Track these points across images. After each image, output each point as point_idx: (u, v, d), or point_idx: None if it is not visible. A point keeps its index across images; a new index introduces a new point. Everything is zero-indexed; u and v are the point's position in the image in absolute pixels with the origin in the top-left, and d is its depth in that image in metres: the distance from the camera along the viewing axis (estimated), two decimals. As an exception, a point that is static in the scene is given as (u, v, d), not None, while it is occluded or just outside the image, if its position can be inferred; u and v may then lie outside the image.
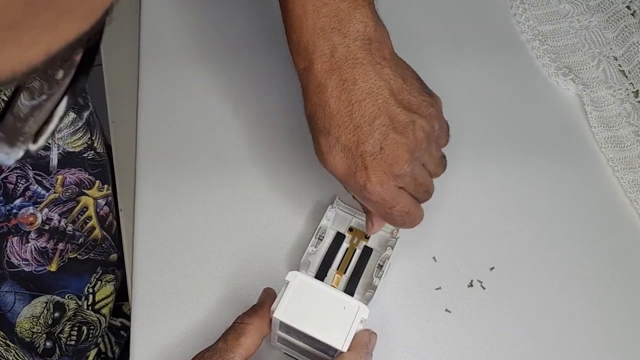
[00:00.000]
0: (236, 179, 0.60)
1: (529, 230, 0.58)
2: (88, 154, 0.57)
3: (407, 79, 0.47)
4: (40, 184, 0.53)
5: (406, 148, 0.45)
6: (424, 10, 0.71)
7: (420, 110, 0.46)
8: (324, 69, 0.45)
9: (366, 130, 0.44)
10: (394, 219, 0.48)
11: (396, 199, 0.46)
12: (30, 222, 0.54)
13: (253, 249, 0.56)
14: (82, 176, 0.56)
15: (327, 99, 0.45)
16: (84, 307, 0.60)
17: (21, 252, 0.53)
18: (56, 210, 0.55)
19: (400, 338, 0.52)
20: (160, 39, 0.68)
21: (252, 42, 0.68)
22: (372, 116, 0.44)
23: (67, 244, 0.57)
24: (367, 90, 0.44)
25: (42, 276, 0.56)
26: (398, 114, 0.45)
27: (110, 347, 0.66)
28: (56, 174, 0.55)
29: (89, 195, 0.57)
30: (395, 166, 0.45)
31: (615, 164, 0.62)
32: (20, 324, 0.55)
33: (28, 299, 0.55)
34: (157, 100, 0.64)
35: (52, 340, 0.57)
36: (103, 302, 0.61)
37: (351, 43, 0.45)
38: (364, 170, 0.45)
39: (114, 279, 0.63)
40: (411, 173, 0.46)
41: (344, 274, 0.54)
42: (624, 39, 0.68)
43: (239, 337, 0.44)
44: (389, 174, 0.45)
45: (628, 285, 0.56)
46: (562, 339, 0.53)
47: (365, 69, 0.45)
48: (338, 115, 0.44)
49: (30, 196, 0.53)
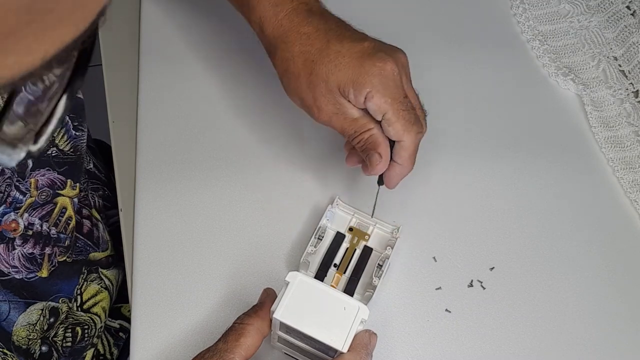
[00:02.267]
0: (236, 179, 0.60)
1: (529, 230, 0.58)
2: (51, 151, 0.56)
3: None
4: (18, 188, 0.53)
5: (400, 50, 0.50)
6: (424, 10, 0.71)
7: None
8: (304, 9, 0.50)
9: (360, 34, 0.49)
10: (409, 113, 0.48)
11: (403, 90, 0.48)
12: (12, 228, 0.53)
13: (253, 249, 0.56)
14: (52, 176, 0.56)
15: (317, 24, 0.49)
16: (74, 308, 0.60)
17: (9, 260, 0.53)
18: (35, 215, 0.55)
19: (400, 338, 0.52)
20: (160, 39, 0.68)
21: (252, 42, 0.68)
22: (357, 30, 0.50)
23: (54, 247, 0.57)
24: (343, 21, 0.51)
25: (34, 283, 0.55)
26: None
27: (109, 349, 0.66)
28: (29, 177, 0.54)
29: (64, 196, 0.57)
30: (398, 52, 0.49)
31: (615, 164, 0.62)
32: (16, 332, 0.54)
33: (23, 306, 0.55)
34: (157, 100, 0.64)
35: (48, 345, 0.57)
36: (91, 302, 0.61)
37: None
38: (379, 52, 0.47)
39: (97, 277, 0.62)
40: (409, 73, 0.50)
41: (344, 273, 0.54)
42: (624, 39, 0.68)
43: (239, 337, 0.44)
44: (398, 61, 0.48)
45: (628, 285, 0.56)
46: (562, 338, 0.53)
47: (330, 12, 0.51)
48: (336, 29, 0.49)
49: (11, 202, 0.53)
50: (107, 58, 0.68)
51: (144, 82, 0.65)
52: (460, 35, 0.70)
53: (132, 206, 0.58)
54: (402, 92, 0.48)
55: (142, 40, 0.67)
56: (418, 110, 0.50)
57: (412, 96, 0.49)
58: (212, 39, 0.68)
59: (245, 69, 0.66)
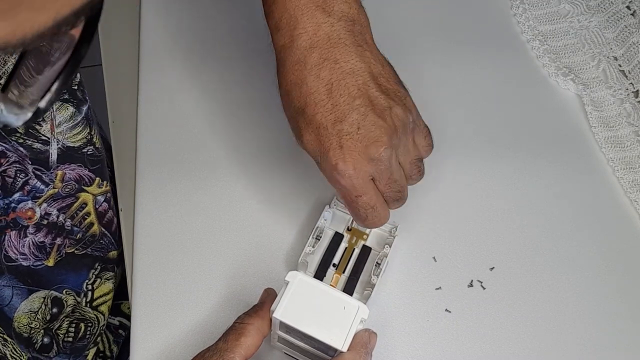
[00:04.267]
0: (236, 179, 0.60)
1: (528, 230, 0.58)
2: (87, 149, 0.57)
3: (385, 66, 0.47)
4: (40, 178, 0.54)
5: (384, 131, 0.44)
6: (424, 10, 0.71)
7: (396, 98, 0.46)
8: (304, 46, 0.44)
9: (345, 109, 0.43)
10: (358, 211, 0.46)
11: (365, 188, 0.45)
12: (28, 216, 0.54)
13: (253, 249, 0.56)
14: (81, 172, 0.56)
15: (305, 76, 0.43)
16: (82, 303, 0.60)
17: (19, 246, 0.53)
18: (55, 206, 0.55)
19: (400, 338, 0.52)
20: (160, 39, 0.68)
21: (252, 42, 0.68)
22: (351, 96, 0.43)
23: (65, 239, 0.57)
24: (348, 70, 0.44)
25: (40, 271, 0.56)
26: (377, 97, 0.44)
27: (109, 346, 0.66)
28: (56, 169, 0.55)
29: (88, 192, 0.58)
30: (371, 147, 0.43)
31: (615, 164, 0.62)
32: (18, 319, 0.55)
33: (26, 293, 0.55)
34: (157, 100, 0.64)
35: (50, 336, 0.57)
36: (101, 300, 0.61)
37: (335, 22, 0.44)
38: (338, 149, 0.43)
39: (113, 276, 0.63)
40: (387, 161, 0.44)
41: (343, 273, 0.54)
42: (624, 39, 0.68)
43: (239, 337, 0.44)
44: (364, 156, 0.43)
45: (628, 285, 0.56)
46: (562, 338, 0.53)
47: (347, 49, 0.44)
48: (316, 93, 0.44)
49: (29, 191, 0.53)
50: (107, 58, 0.68)
51: (144, 82, 0.65)
52: (460, 35, 0.70)
53: (132, 206, 0.58)
54: (355, 192, 0.45)
55: (142, 40, 0.67)
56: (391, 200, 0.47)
57: (373, 189, 0.45)
58: (213, 39, 0.68)
59: (246, 69, 0.66)
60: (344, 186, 0.45)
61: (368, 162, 0.44)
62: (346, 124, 0.43)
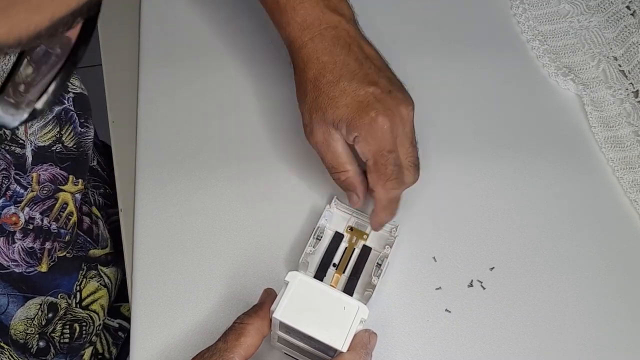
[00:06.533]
0: (236, 179, 0.60)
1: (528, 230, 0.58)
2: (56, 147, 0.57)
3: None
4: (19, 182, 0.53)
5: (409, 99, 0.50)
6: (423, 10, 0.71)
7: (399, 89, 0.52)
8: (331, 35, 0.51)
9: (374, 77, 0.50)
10: (386, 168, 0.49)
11: (395, 145, 0.49)
12: (13, 221, 0.53)
13: (253, 249, 0.56)
14: (54, 171, 0.56)
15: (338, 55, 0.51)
16: (72, 305, 0.60)
17: (9, 253, 0.53)
18: (37, 209, 0.55)
19: (400, 338, 0.52)
20: (160, 39, 0.68)
21: (252, 42, 0.68)
22: (378, 68, 0.51)
23: (54, 242, 0.57)
24: (368, 54, 0.52)
25: (33, 277, 0.55)
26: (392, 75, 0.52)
27: (108, 348, 0.66)
28: (31, 171, 0.55)
29: (65, 191, 0.57)
30: (402, 106, 0.49)
31: (615, 164, 0.62)
32: (14, 326, 0.55)
33: (21, 300, 0.55)
34: (157, 100, 0.64)
35: (45, 340, 0.57)
36: (90, 299, 0.61)
37: (345, 23, 0.52)
38: (377, 103, 0.49)
39: (96, 274, 0.62)
40: (412, 125, 0.50)
41: (343, 273, 0.54)
42: (624, 39, 0.68)
43: (239, 337, 0.44)
44: (397, 114, 0.49)
45: (628, 285, 0.56)
46: (562, 338, 0.53)
47: (359, 41, 0.52)
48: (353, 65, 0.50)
49: (11, 196, 0.53)
50: (107, 58, 0.68)
51: (144, 82, 0.65)
52: (460, 35, 0.70)
53: (132, 206, 0.58)
54: (389, 145, 0.49)
55: (142, 40, 0.67)
56: (408, 166, 0.51)
57: (405, 151, 0.50)
58: (213, 39, 0.68)
59: (246, 69, 0.66)
60: (380, 139, 0.49)
61: (399, 121, 0.49)
62: (380, 86, 0.50)
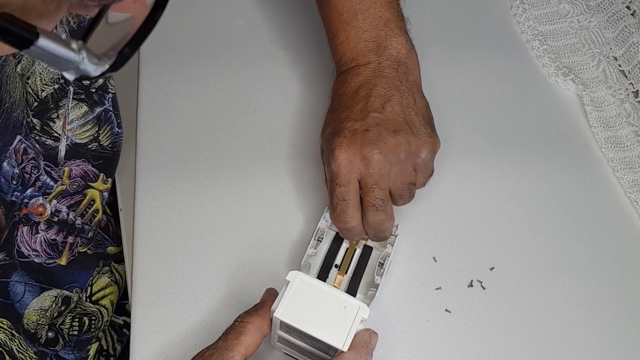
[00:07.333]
0: (236, 179, 0.60)
1: (528, 230, 0.58)
2: (92, 146, 0.58)
3: (418, 103, 0.54)
4: (49, 175, 0.54)
5: (386, 144, 0.50)
6: (423, 10, 0.71)
7: (417, 132, 0.52)
8: (354, 73, 0.55)
9: (363, 115, 0.52)
10: (332, 199, 0.51)
11: (346, 180, 0.50)
12: (39, 212, 0.54)
13: (253, 249, 0.56)
14: (86, 168, 0.57)
15: (347, 89, 0.55)
16: (83, 299, 0.60)
17: (31, 243, 0.54)
18: (64, 203, 0.56)
19: (400, 338, 0.52)
20: (160, 39, 0.68)
21: (252, 42, 0.68)
22: (375, 108, 0.52)
23: (77, 237, 0.58)
24: (382, 93, 0.53)
25: (52, 269, 0.56)
26: (397, 119, 0.52)
27: (112, 345, 0.66)
28: (63, 165, 0.56)
29: (94, 188, 0.58)
30: (367, 147, 0.50)
31: (615, 164, 0.62)
32: (27, 316, 0.55)
33: (38, 291, 0.56)
34: (157, 100, 0.64)
35: (54, 331, 0.58)
36: (100, 294, 0.62)
37: (383, 61, 0.55)
38: (342, 137, 0.51)
39: (108, 270, 0.63)
40: (377, 166, 0.50)
41: (345, 274, 0.54)
42: (624, 39, 0.68)
43: (239, 335, 0.44)
44: (358, 152, 0.50)
45: (628, 285, 0.56)
46: (562, 338, 0.53)
47: (387, 81, 0.54)
48: (350, 100, 0.54)
49: (40, 186, 0.54)
50: (107, 58, 0.68)
51: (144, 82, 0.65)
52: (460, 35, 0.70)
53: (132, 206, 0.58)
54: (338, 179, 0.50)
55: (142, 41, 0.67)
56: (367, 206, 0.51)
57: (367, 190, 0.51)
58: (213, 39, 0.68)
59: (246, 69, 0.66)
60: (331, 170, 0.51)
61: (360, 160, 0.50)
62: (358, 124, 0.52)
